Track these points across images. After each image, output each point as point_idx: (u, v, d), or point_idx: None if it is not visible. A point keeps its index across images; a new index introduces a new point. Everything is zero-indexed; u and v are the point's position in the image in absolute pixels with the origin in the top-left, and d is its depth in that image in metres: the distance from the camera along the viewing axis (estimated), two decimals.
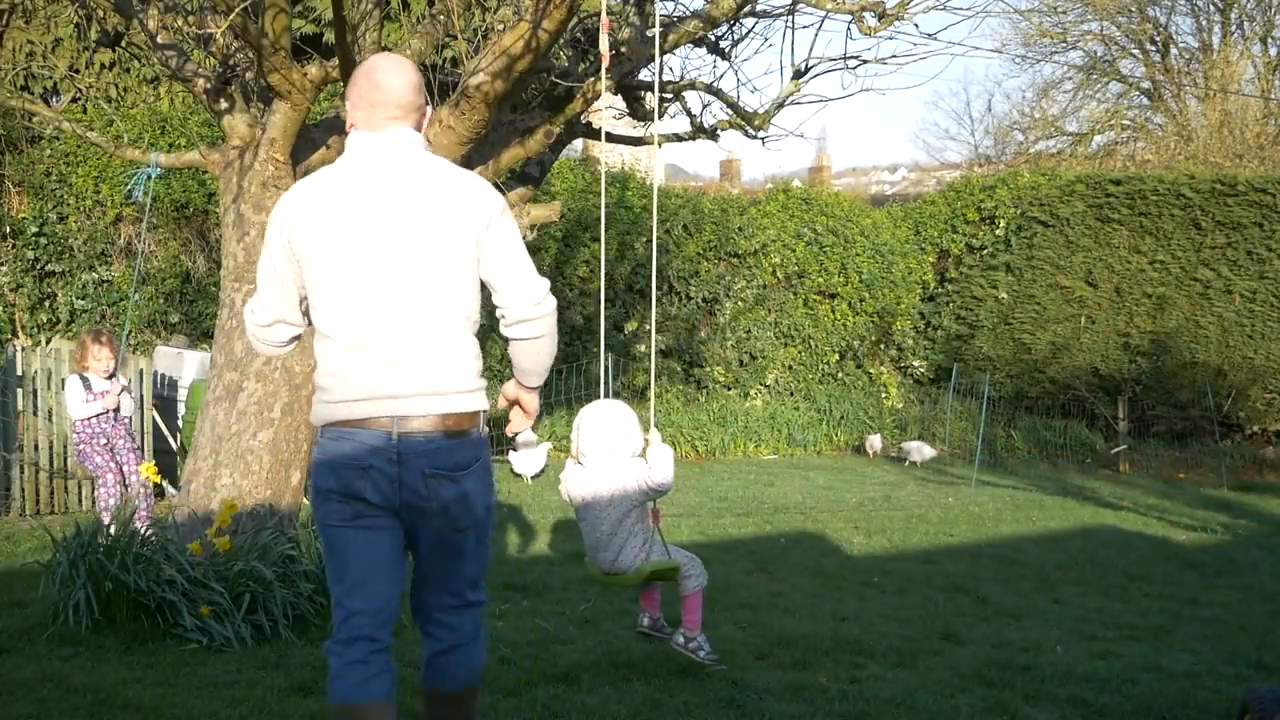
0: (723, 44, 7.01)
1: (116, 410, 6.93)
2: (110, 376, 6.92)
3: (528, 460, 10.45)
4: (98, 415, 6.80)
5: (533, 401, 2.96)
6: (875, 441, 14.76)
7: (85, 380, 6.84)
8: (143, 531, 4.86)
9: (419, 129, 2.76)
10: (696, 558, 4.32)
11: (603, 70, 4.48)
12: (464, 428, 2.69)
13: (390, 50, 5.70)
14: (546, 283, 2.76)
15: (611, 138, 7.40)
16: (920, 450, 13.77)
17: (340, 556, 2.70)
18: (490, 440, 2.86)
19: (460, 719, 2.88)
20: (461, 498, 2.69)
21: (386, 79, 2.70)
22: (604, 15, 4.21)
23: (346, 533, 2.69)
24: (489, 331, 3.26)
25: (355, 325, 2.64)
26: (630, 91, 6.92)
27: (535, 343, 2.77)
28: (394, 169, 2.68)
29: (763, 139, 7.15)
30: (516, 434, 3.21)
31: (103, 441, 6.82)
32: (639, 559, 4.07)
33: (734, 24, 6.85)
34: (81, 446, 6.85)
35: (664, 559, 4.14)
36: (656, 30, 4.59)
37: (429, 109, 2.82)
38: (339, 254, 2.63)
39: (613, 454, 4.03)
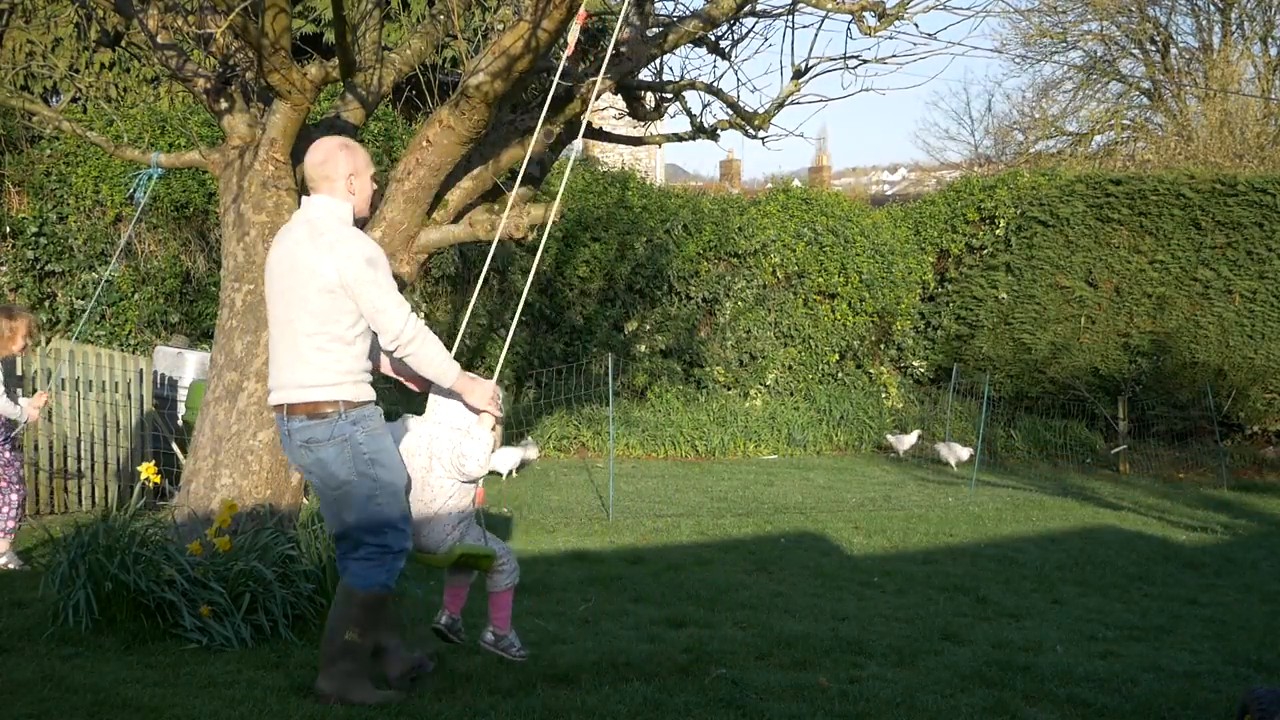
0: (723, 44, 7.00)
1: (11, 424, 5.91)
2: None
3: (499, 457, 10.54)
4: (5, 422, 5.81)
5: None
6: (903, 441, 13.94)
7: (8, 365, 5.81)
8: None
9: None
10: (512, 553, 4.06)
11: (562, 61, 4.49)
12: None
13: (390, 50, 5.71)
14: None
15: (612, 138, 7.41)
16: (954, 451, 13.09)
17: None
18: None
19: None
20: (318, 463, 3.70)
21: None
22: (582, 9, 4.23)
23: None
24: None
25: None
26: (630, 91, 6.91)
27: None
28: None
29: (763, 139, 7.15)
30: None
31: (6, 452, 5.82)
32: (449, 539, 3.81)
33: (734, 24, 6.85)
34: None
35: (479, 544, 3.89)
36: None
37: None
38: None
39: (435, 420, 3.83)
